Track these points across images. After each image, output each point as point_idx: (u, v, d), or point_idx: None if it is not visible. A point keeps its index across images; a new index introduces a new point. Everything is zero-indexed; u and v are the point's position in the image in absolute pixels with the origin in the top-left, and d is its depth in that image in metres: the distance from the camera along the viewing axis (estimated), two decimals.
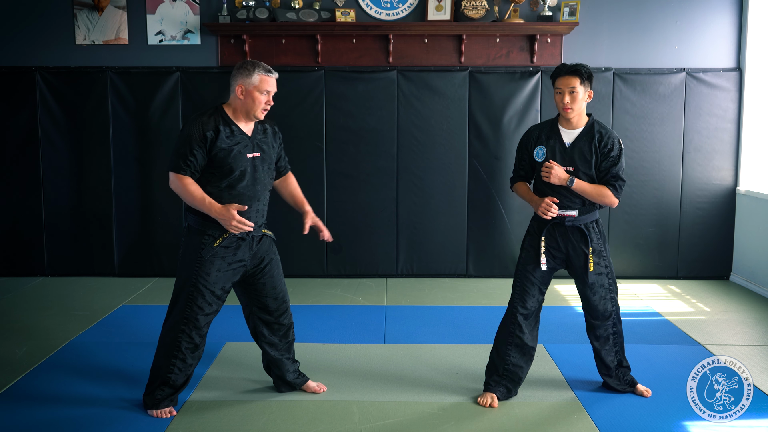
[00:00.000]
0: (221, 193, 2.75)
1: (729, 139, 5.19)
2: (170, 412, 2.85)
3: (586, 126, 2.95)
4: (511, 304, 3.03)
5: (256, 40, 5.15)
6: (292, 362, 3.07)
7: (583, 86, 2.88)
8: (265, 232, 2.92)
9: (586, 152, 2.91)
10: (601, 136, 2.92)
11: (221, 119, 2.75)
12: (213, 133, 2.70)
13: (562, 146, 2.94)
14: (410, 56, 5.20)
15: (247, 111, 2.76)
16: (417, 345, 3.75)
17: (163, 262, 5.28)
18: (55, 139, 5.21)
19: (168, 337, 2.83)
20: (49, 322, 4.12)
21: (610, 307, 3.02)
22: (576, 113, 2.91)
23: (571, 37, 5.16)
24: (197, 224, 2.79)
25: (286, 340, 3.04)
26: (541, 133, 3.00)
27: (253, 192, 2.80)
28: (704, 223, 5.25)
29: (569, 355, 3.55)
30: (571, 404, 2.99)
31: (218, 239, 2.76)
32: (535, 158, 2.99)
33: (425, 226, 5.30)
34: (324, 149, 5.18)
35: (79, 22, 5.17)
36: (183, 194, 2.72)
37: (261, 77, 2.72)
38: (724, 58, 5.18)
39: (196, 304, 2.78)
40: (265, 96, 2.75)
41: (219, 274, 2.78)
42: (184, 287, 2.80)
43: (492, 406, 2.96)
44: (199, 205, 2.70)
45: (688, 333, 3.96)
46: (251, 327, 3.02)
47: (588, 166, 2.92)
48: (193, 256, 2.78)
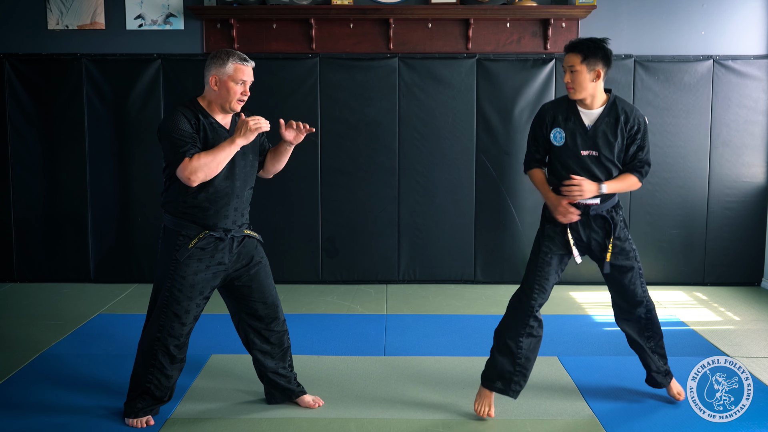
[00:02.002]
0: (197, 191, 2.77)
1: (760, 133, 5.20)
2: (147, 422, 2.90)
3: (608, 105, 2.92)
4: (527, 296, 2.96)
5: (244, 24, 5.16)
6: (288, 371, 3.09)
7: (587, 64, 2.83)
8: (248, 233, 2.93)
9: (610, 135, 2.89)
10: (627, 116, 2.90)
11: (198, 112, 2.78)
12: (195, 123, 2.75)
13: (583, 128, 2.91)
14: (413, 42, 5.20)
15: (222, 103, 2.79)
16: (420, 357, 3.76)
17: (143, 267, 5.28)
18: (25, 132, 5.21)
19: (145, 344, 2.89)
20: (19, 332, 4.12)
21: (640, 292, 3.04)
22: (582, 93, 2.87)
23: (588, 21, 5.17)
24: (172, 224, 2.82)
25: (280, 348, 3.05)
26: (557, 113, 2.96)
27: (231, 188, 2.82)
28: (733, 225, 5.26)
29: (586, 369, 3.56)
30: (589, 422, 2.99)
31: (193, 239, 2.78)
32: (552, 142, 2.96)
33: (429, 228, 5.30)
34: (319, 144, 5.19)
35: (51, 4, 5.18)
36: (210, 168, 2.67)
37: (235, 66, 2.75)
38: (754, 44, 5.19)
39: (171, 310, 2.81)
40: (241, 86, 2.77)
41: (196, 277, 2.80)
42: (159, 292, 2.84)
43: (489, 416, 2.97)
44: (228, 152, 2.70)
45: (715, 344, 3.97)
46: (242, 335, 3.05)
47: (611, 149, 2.90)
48: (167, 259, 2.81)
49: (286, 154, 2.98)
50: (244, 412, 3.06)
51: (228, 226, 2.83)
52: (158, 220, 5.21)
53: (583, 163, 2.92)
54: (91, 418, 2.99)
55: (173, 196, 2.82)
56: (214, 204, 2.79)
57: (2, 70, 5.17)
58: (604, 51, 2.84)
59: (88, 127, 5.20)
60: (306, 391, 3.15)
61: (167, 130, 2.72)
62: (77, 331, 4.16)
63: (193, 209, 2.79)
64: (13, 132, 5.21)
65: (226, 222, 2.82)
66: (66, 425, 2.92)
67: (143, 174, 5.22)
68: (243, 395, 3.23)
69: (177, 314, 2.81)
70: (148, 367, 2.87)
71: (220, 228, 2.81)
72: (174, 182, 2.81)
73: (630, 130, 2.91)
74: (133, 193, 5.25)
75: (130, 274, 5.30)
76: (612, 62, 2.90)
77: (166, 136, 2.72)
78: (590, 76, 2.85)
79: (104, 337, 4.05)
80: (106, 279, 5.30)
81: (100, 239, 5.29)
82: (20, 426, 2.92)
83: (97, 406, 3.10)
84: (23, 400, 3.16)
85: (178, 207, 2.80)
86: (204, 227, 2.79)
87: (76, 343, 3.95)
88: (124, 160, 5.23)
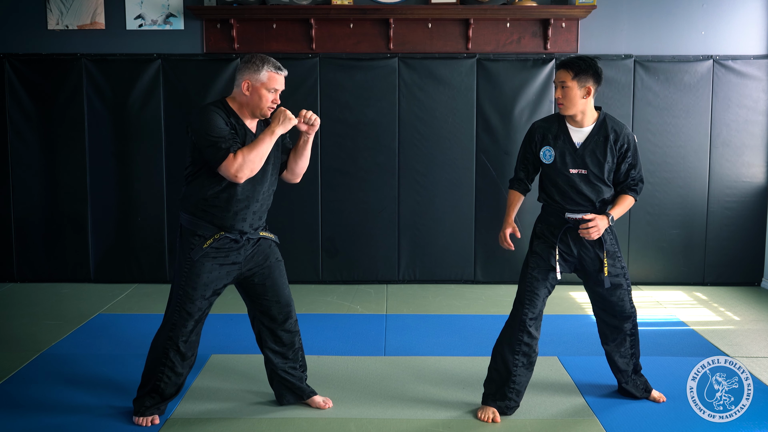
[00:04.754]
0: (219, 191, 2.77)
1: (760, 133, 5.20)
2: (153, 421, 2.92)
3: (597, 123, 2.96)
4: (518, 311, 3.03)
5: (244, 24, 5.17)
6: (299, 371, 3.10)
7: (578, 81, 2.87)
8: (264, 235, 2.95)
9: (600, 153, 2.94)
10: (616, 135, 2.94)
11: (230, 113, 2.79)
12: (228, 123, 2.76)
13: (572, 147, 2.96)
14: (413, 42, 5.21)
15: (252, 109, 2.80)
16: (420, 357, 3.76)
17: (143, 267, 5.29)
18: (25, 132, 5.22)
19: (157, 342, 2.92)
20: (19, 332, 4.13)
21: (628, 308, 3.07)
22: (572, 109, 2.91)
23: (588, 21, 5.17)
24: (188, 224, 2.84)
25: (291, 348, 3.07)
26: (547, 132, 3.01)
27: (252, 192, 2.83)
28: (733, 225, 5.26)
29: (586, 368, 3.56)
30: (589, 422, 2.99)
31: (209, 240, 2.79)
32: (542, 160, 3.01)
33: (429, 228, 5.31)
34: (319, 144, 5.19)
35: (51, 4, 5.18)
36: (255, 163, 2.70)
37: (270, 74, 2.76)
38: (754, 44, 5.20)
39: (184, 309, 2.84)
40: (273, 94, 2.79)
41: (210, 275, 2.82)
42: (174, 291, 2.88)
43: (495, 421, 2.97)
44: (269, 143, 2.74)
45: (715, 344, 3.97)
46: (256, 332, 3.08)
47: (600, 168, 2.95)
48: (182, 258, 2.85)
49: (307, 147, 2.96)
50: (245, 412, 3.06)
51: (244, 228, 2.83)
52: (158, 220, 5.24)
53: (571, 182, 2.96)
54: (91, 417, 3.00)
55: (193, 193, 2.81)
56: (235, 206, 2.79)
57: (2, 70, 5.17)
58: (594, 69, 2.89)
59: (88, 127, 5.20)
60: (316, 392, 3.16)
61: (204, 129, 2.70)
62: (77, 330, 4.16)
63: (212, 209, 2.79)
64: (13, 132, 5.21)
65: (243, 225, 2.83)
66: (67, 425, 2.93)
67: (143, 174, 5.22)
68: (243, 395, 3.23)
69: (190, 312, 2.84)
70: (160, 365, 2.89)
71: (236, 230, 2.82)
72: (195, 179, 2.81)
73: (620, 148, 2.95)
74: (133, 193, 5.25)
75: (130, 274, 5.31)
76: (602, 80, 2.93)
77: (203, 134, 2.70)
78: (581, 93, 2.89)
79: (104, 336, 4.06)
80: (106, 279, 5.31)
81: (100, 239, 5.29)
82: (21, 425, 2.92)
83: (98, 405, 3.10)
84: (23, 399, 3.17)
85: (198, 204, 2.80)
86: (220, 228, 2.80)
87: (76, 343, 3.95)
88: (124, 160, 5.24)
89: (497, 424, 2.96)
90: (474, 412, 3.07)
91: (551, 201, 3.03)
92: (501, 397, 3.02)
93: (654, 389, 3.21)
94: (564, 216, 2.98)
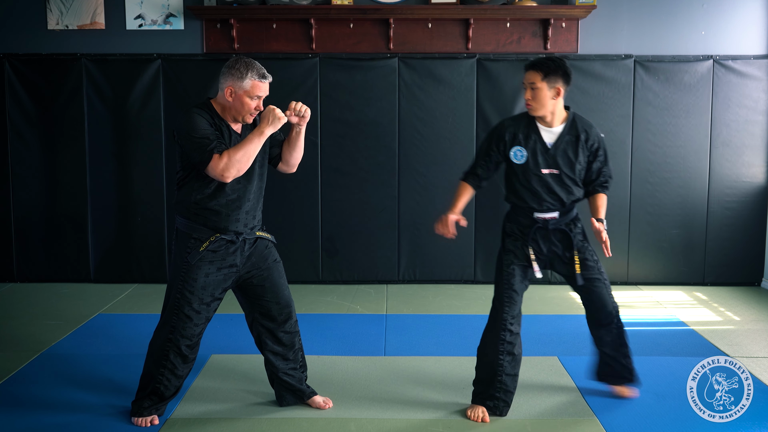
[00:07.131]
0: (209, 194, 2.78)
1: (760, 133, 5.21)
2: (152, 421, 2.92)
3: (567, 123, 2.98)
4: (498, 311, 3.04)
5: (244, 24, 5.17)
6: (299, 372, 3.10)
7: (547, 82, 2.88)
8: (261, 235, 2.95)
9: (571, 153, 2.96)
10: (587, 135, 2.97)
11: (213, 114, 2.79)
12: (212, 124, 2.75)
13: (544, 147, 2.97)
14: (413, 42, 5.21)
15: (234, 114, 2.80)
16: (420, 357, 3.76)
17: (143, 267, 5.29)
18: (25, 133, 5.22)
19: (156, 345, 2.91)
20: (19, 332, 4.13)
21: (610, 302, 3.08)
22: (542, 110, 2.93)
23: (588, 21, 5.18)
24: (183, 227, 2.84)
25: (291, 349, 3.07)
26: (517, 131, 3.01)
27: (243, 191, 2.83)
28: (733, 225, 5.26)
29: (586, 369, 3.55)
30: (589, 422, 2.99)
31: (205, 242, 2.79)
32: (513, 160, 3.01)
33: (429, 228, 5.27)
34: (319, 144, 5.19)
35: (51, 4, 5.18)
36: (242, 163, 2.68)
37: (253, 83, 2.74)
38: (754, 44, 5.20)
39: (182, 312, 2.84)
40: (255, 101, 2.78)
41: (207, 279, 2.82)
42: (171, 294, 2.87)
43: (484, 421, 2.98)
44: (258, 143, 2.72)
45: (715, 344, 3.97)
46: (255, 335, 3.07)
47: (571, 168, 2.97)
48: (179, 261, 2.84)
49: (300, 138, 2.94)
50: (245, 412, 3.07)
51: (239, 229, 2.84)
52: (158, 221, 5.24)
53: (544, 182, 2.97)
54: (91, 417, 3.00)
55: (185, 197, 2.82)
56: (226, 207, 2.79)
57: (2, 70, 5.17)
58: (564, 69, 2.91)
59: (88, 127, 5.21)
60: (316, 392, 3.16)
61: (187, 131, 2.71)
62: (77, 331, 4.16)
63: (205, 211, 2.79)
64: (13, 132, 5.21)
65: (237, 225, 2.83)
66: (67, 424, 2.94)
67: (143, 174, 5.22)
68: (243, 395, 3.24)
69: (188, 316, 2.84)
70: (159, 368, 2.89)
71: (231, 231, 2.82)
72: (186, 184, 2.82)
73: (591, 147, 2.98)
74: (133, 193, 5.25)
75: (130, 274, 5.31)
76: (571, 81, 2.94)
77: (187, 137, 2.70)
78: (550, 94, 2.90)
79: (104, 336, 4.06)
80: (106, 279, 5.31)
81: (100, 239, 5.30)
82: (21, 425, 2.93)
83: (99, 405, 3.11)
84: (24, 399, 3.17)
85: (191, 208, 2.81)
86: (215, 230, 2.80)
87: (76, 342, 3.95)
88: (124, 160, 5.24)
89: (497, 424, 2.97)
90: (464, 411, 3.07)
91: (521, 202, 3.03)
92: (489, 396, 3.03)
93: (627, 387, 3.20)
94: (533, 216, 3.00)
